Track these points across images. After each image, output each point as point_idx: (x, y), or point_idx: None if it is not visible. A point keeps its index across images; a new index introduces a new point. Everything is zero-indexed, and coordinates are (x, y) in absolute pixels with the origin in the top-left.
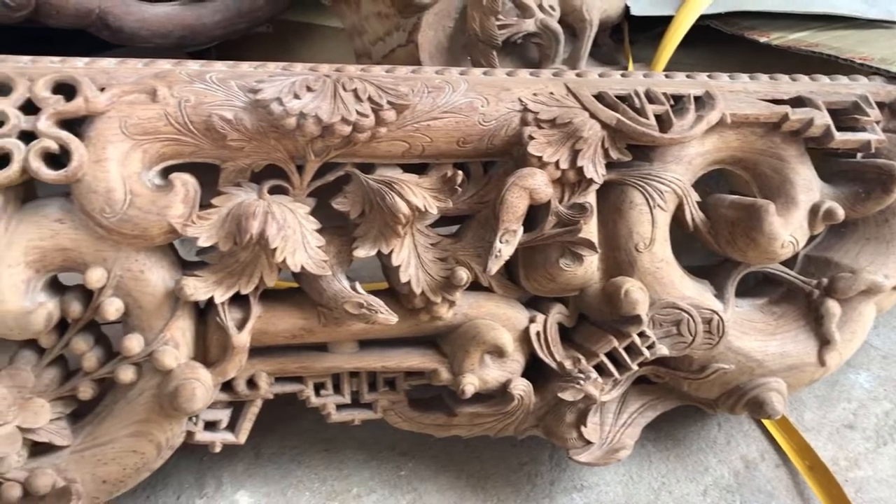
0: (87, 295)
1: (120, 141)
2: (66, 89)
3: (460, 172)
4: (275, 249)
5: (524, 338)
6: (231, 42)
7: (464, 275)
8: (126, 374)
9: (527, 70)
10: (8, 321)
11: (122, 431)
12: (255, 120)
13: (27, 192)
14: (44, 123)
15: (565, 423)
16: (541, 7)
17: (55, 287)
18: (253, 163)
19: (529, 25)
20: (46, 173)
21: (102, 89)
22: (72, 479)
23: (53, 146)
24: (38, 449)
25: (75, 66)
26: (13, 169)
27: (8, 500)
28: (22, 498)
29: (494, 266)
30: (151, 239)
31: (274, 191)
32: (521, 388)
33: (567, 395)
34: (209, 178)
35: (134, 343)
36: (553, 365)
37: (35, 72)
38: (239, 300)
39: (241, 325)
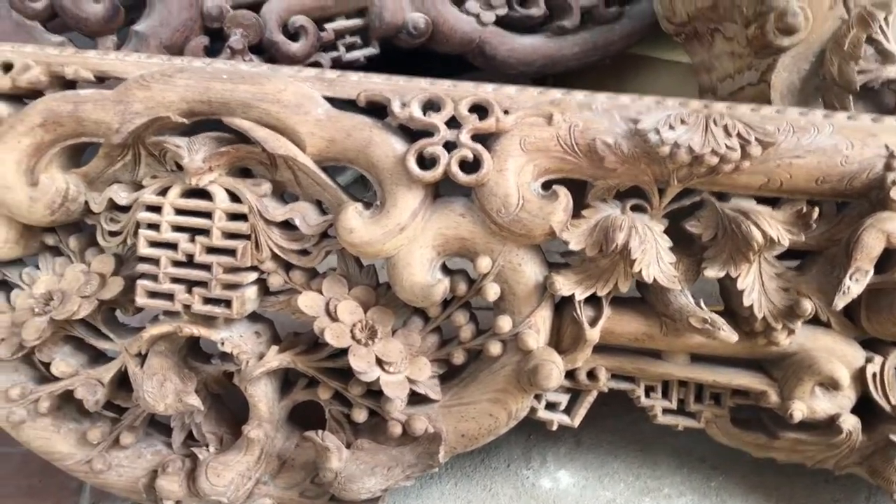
0: (468, 280)
1: (518, 155)
2: (477, 109)
3: (816, 209)
4: (634, 260)
5: (858, 376)
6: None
7: (808, 306)
8: (495, 347)
9: (892, 117)
10: (416, 291)
11: (483, 396)
12: (632, 146)
13: (436, 190)
14: (465, 136)
15: (894, 466)
16: None
17: (444, 269)
18: (620, 183)
19: (891, 72)
20: (462, 177)
21: (506, 111)
22: (439, 429)
23: (469, 156)
24: (415, 399)
25: (486, 91)
26: (439, 171)
27: (391, 435)
28: (401, 436)
29: (841, 302)
30: (533, 238)
31: (634, 209)
32: (851, 423)
33: None
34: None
35: (505, 323)
36: (887, 408)
37: (456, 94)
38: (591, 301)
39: (592, 322)
